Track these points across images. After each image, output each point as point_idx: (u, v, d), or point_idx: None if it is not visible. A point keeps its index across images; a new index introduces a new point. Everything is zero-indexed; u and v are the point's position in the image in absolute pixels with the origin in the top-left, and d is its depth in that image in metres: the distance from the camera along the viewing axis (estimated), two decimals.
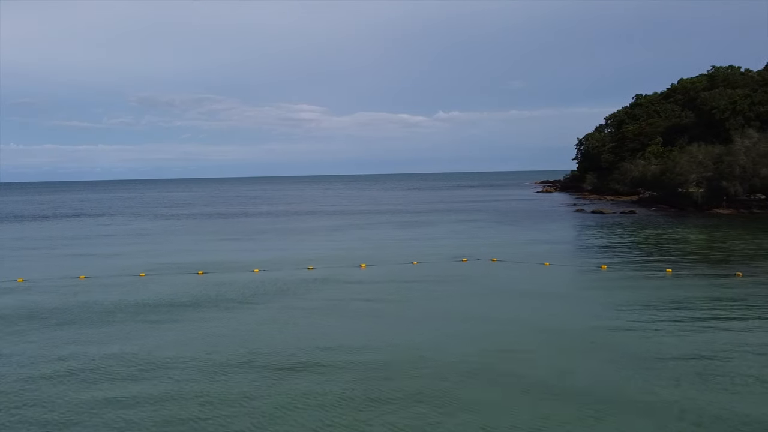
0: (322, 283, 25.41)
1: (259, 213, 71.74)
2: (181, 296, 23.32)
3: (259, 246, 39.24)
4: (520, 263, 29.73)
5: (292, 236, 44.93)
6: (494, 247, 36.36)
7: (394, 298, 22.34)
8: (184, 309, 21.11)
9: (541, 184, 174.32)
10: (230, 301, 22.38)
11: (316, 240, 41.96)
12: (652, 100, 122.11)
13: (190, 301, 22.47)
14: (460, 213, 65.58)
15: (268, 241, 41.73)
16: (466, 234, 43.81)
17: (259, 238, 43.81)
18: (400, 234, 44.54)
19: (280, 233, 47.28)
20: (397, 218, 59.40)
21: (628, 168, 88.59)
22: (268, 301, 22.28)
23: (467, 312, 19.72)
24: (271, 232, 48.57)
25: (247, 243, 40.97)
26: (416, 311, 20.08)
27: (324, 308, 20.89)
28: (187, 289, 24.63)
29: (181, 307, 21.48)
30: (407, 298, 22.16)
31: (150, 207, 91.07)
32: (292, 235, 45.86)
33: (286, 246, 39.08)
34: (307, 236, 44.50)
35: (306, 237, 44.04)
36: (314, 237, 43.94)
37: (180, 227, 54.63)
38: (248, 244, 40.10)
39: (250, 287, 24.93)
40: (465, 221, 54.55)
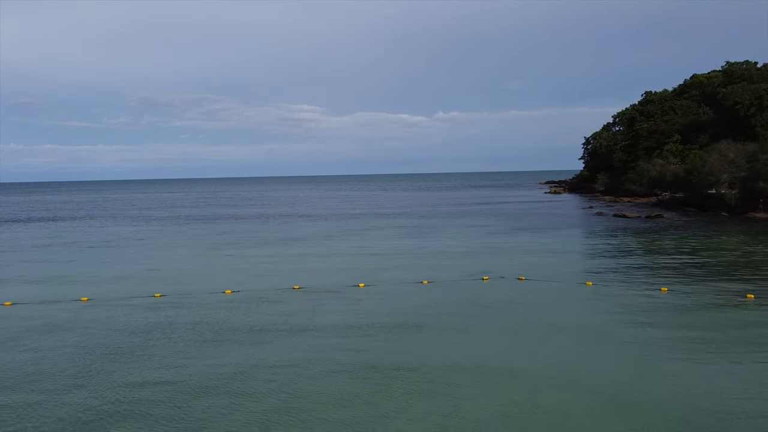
0: (308, 312, 19.63)
1: (249, 216, 65.97)
2: (126, 332, 17.54)
3: (238, 258, 33.48)
4: (555, 283, 24.01)
5: (279, 245, 39.13)
6: (517, 259, 30.63)
7: (398, 342, 16.54)
8: (128, 350, 15.34)
9: (547, 185, 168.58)
10: (186, 340, 16.62)
11: (306, 250, 36.14)
12: (664, 96, 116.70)
13: (134, 341, 16.69)
14: (467, 216, 59.85)
15: (250, 252, 35.97)
16: (479, 242, 38.08)
17: (240, 247, 38.06)
18: (403, 243, 38.78)
19: (266, 241, 41.50)
20: (399, 222, 53.67)
21: (645, 168, 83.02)
22: (229, 338, 16.52)
23: (500, 363, 13.98)
24: (256, 239, 42.79)
25: (225, 254, 35.21)
26: (427, 366, 14.27)
27: (300, 360, 15.09)
28: (134, 321, 18.85)
29: (125, 347, 15.70)
30: (415, 346, 16.31)
31: (133, 209, 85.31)
32: (280, 243, 40.05)
33: (270, 258, 33.30)
34: (296, 245, 38.66)
35: (295, 246, 38.21)
36: (305, 246, 38.13)
37: (153, 234, 48.84)
38: (225, 256, 34.33)
39: (214, 316, 19.16)
40: (475, 227, 48.81)
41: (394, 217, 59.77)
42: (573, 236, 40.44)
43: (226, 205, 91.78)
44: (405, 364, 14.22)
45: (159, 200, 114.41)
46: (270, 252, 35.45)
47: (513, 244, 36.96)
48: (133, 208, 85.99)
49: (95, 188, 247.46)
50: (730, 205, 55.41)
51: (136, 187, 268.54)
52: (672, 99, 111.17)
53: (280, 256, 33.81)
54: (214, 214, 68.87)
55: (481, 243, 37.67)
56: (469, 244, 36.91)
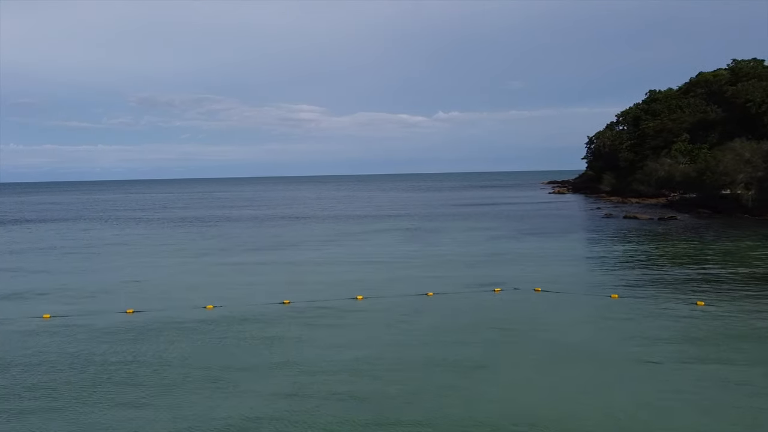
0: (295, 338, 16.97)
1: (243, 218, 63.34)
2: (79, 365, 14.89)
3: (225, 266, 30.85)
4: (575, 294, 21.44)
5: (271, 251, 36.49)
6: (528, 266, 28.05)
7: (404, 385, 13.78)
8: (67, 393, 12.69)
9: (549, 185, 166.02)
10: (141, 380, 13.89)
11: (300, 257, 33.52)
12: (669, 95, 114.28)
13: (83, 379, 14.02)
14: (470, 218, 57.26)
15: (239, 259, 33.36)
16: (486, 247, 35.49)
17: (229, 254, 35.44)
18: (404, 247, 36.17)
19: (257, 247, 38.88)
20: (400, 225, 51.06)
21: (653, 167, 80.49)
22: (196, 377, 13.82)
23: (535, 416, 11.33)
24: (247, 244, 40.17)
25: (212, 262, 32.59)
26: (444, 424, 11.61)
27: (287, 386, 12.48)
28: (93, 348, 16.19)
29: (70, 385, 13.04)
30: (426, 389, 13.46)
31: (125, 211, 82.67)
32: (273, 249, 37.40)
33: (260, 266, 30.69)
34: (289, 251, 36.00)
35: (288, 252, 35.56)
36: (298, 252, 35.49)
37: (139, 238, 46.24)
38: (211, 265, 31.70)
39: (186, 341, 16.53)
40: (480, 229, 46.21)
41: (395, 219, 57.20)
42: (585, 240, 37.86)
43: (221, 206, 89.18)
44: (414, 420, 11.52)
45: (153, 201, 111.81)
46: (260, 259, 32.82)
47: (522, 249, 34.37)
48: (125, 210, 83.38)
49: (92, 189, 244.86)
50: (747, 207, 52.85)
51: (133, 187, 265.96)
52: (678, 97, 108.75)
53: (271, 263, 31.19)
54: (206, 216, 66.25)
55: (488, 248, 35.08)
56: (475, 250, 34.31)
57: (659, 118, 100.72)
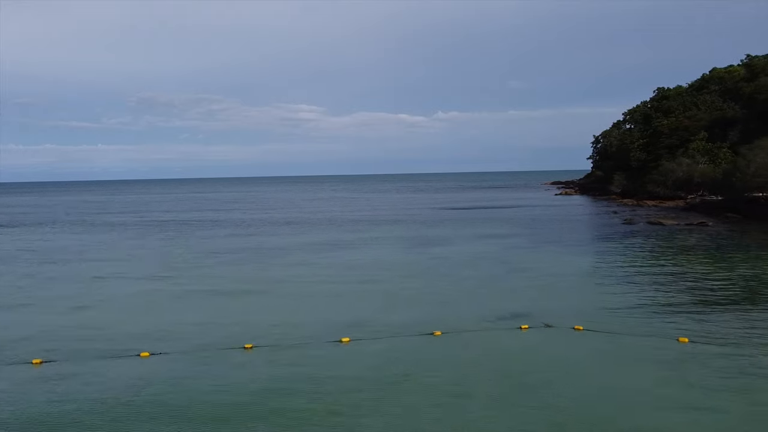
0: (261, 382, 11.65)
1: (227, 222, 57.98)
2: None
3: (185, 288, 25.51)
4: (631, 337, 16.15)
5: (245, 266, 31.05)
6: (556, 290, 22.76)
7: None
8: None
9: (554, 186, 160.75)
10: None
11: (278, 274, 28.06)
12: (681, 92, 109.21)
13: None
14: (476, 224, 51.95)
15: (206, 277, 28.01)
16: (499, 262, 30.19)
17: (195, 269, 30.08)
18: (404, 262, 30.83)
19: (231, 260, 33.52)
20: (398, 232, 45.72)
21: (670, 167, 75.29)
22: None
23: None
24: (221, 257, 34.82)
25: (171, 282, 27.24)
26: None
27: None
28: None
29: None
30: None
31: (104, 214, 77.28)
32: (247, 263, 31.95)
33: (228, 288, 25.32)
34: (267, 266, 30.51)
35: (266, 268, 30.11)
36: (278, 267, 30.05)
37: (103, 247, 40.91)
38: (170, 286, 26.36)
39: (121, 389, 11.17)
40: (489, 238, 40.91)
41: (393, 225, 51.87)
42: (613, 253, 32.54)
43: (208, 208, 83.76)
44: None
45: (139, 202, 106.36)
46: (231, 276, 27.44)
47: (541, 264, 29.06)
48: (104, 213, 78.01)
49: (85, 189, 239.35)
50: None
51: (127, 187, 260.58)
52: (692, 94, 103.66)
53: (242, 282, 25.83)
54: (188, 220, 60.89)
55: (502, 263, 29.77)
56: (487, 266, 28.97)
57: (673, 115, 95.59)
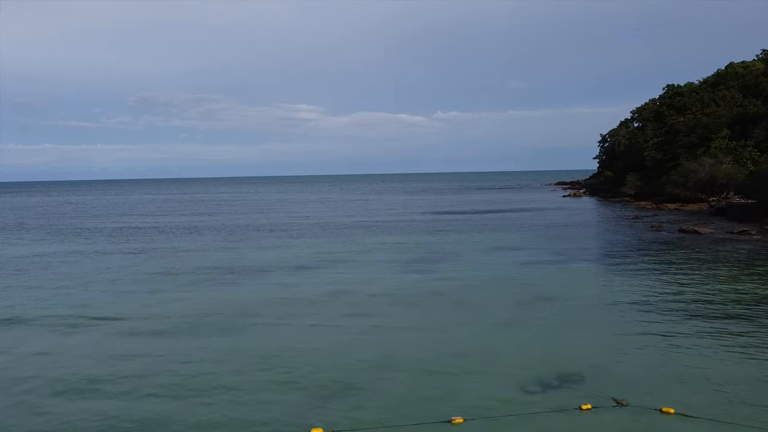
0: None
1: (207, 228, 52.14)
2: None
3: (114, 333, 19.70)
4: (750, 428, 10.38)
5: (207, 290, 25.15)
6: (613, 336, 16.96)
7: None
8: None
9: (558, 186, 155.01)
10: None
11: (244, 308, 22.17)
12: (696, 88, 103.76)
13: None
14: (486, 231, 46.17)
15: (150, 307, 22.19)
16: (524, 286, 24.38)
17: (142, 297, 24.23)
18: (402, 290, 24.92)
19: (194, 279, 27.64)
20: (398, 242, 39.91)
21: (691, 168, 69.58)
22: None
23: None
24: (182, 275, 28.94)
25: (103, 325, 21.43)
26: None
27: None
28: None
29: None
30: None
31: (80, 217, 71.43)
32: (212, 285, 25.98)
33: (173, 330, 19.49)
34: (233, 293, 24.57)
35: (231, 295, 24.20)
36: (246, 296, 24.13)
37: (54, 260, 35.13)
38: (96, 329, 20.53)
39: None
40: (504, 249, 35.15)
41: (391, 232, 46.06)
42: (664, 274, 26.74)
43: (192, 212, 77.83)
44: None
45: (123, 205, 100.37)
46: (185, 310, 21.57)
47: (579, 291, 23.23)
48: (80, 216, 72.13)
49: (77, 189, 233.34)
50: None
51: (120, 187, 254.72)
52: (707, 90, 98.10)
53: (195, 317, 19.98)
54: (164, 226, 55.04)
55: (526, 287, 23.98)
56: (508, 294, 23.12)
57: (690, 112, 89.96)
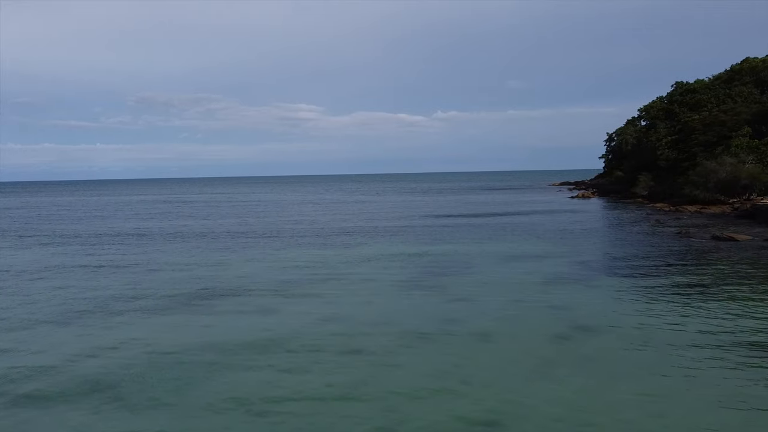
0: None
1: (189, 235, 47.41)
2: None
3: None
4: None
5: (157, 327, 20.48)
6: (686, 391, 12.26)
7: None
8: None
9: (562, 186, 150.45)
10: None
11: (202, 348, 17.37)
12: (707, 85, 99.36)
13: None
14: (495, 237, 41.50)
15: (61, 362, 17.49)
16: (553, 310, 19.71)
17: (59, 344, 19.59)
18: (408, 316, 20.15)
19: (146, 306, 22.87)
20: (400, 254, 35.11)
21: (711, 167, 65.04)
22: None
23: None
24: (133, 302, 24.22)
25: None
26: None
27: None
28: None
29: None
30: None
31: (52, 222, 66.74)
32: (161, 320, 21.36)
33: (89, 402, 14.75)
34: (192, 328, 19.76)
35: (188, 333, 19.40)
36: (207, 331, 19.37)
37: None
38: None
39: None
40: (520, 260, 30.46)
41: (392, 240, 41.36)
42: (713, 293, 22.06)
43: (180, 214, 73.04)
44: None
45: (110, 206, 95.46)
46: (135, 355, 16.86)
47: (620, 317, 18.58)
48: (59, 220, 67.37)
49: (70, 189, 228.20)
50: None
51: (115, 187, 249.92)
52: (721, 86, 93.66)
53: (145, 366, 15.26)
54: (147, 231, 50.34)
55: (559, 312, 19.30)
56: (540, 322, 18.44)
57: (706, 109, 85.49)
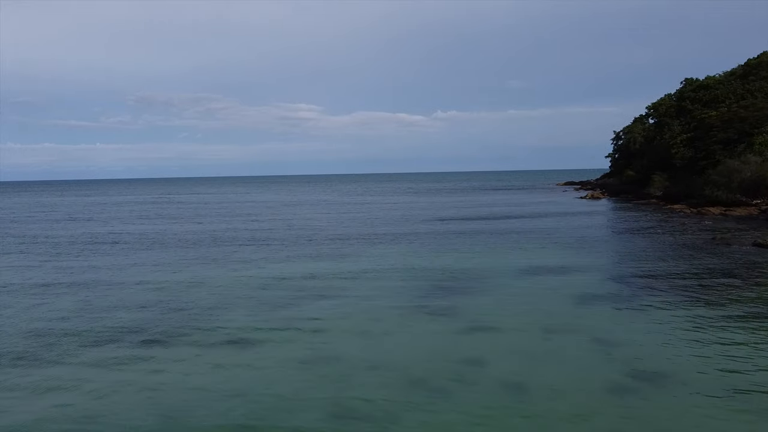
0: None
1: (169, 240, 43.07)
2: None
3: None
4: None
5: (102, 371, 16.12)
6: None
7: None
8: None
9: (566, 186, 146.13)
10: None
11: (151, 406, 13.06)
12: (722, 81, 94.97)
13: None
14: (512, 245, 37.15)
15: None
16: (596, 344, 15.40)
17: None
18: (415, 355, 15.72)
19: (90, 345, 18.62)
20: (403, 267, 30.72)
21: (734, 166, 60.78)
22: None
23: None
24: (83, 336, 19.91)
25: None
26: None
27: None
28: None
29: None
30: None
31: (27, 223, 62.43)
32: (108, 363, 17.01)
33: None
34: (144, 375, 15.40)
35: (138, 384, 15.10)
36: (164, 378, 15.05)
37: None
38: None
39: None
40: (545, 275, 26.15)
41: (394, 248, 36.99)
42: None
43: (165, 216, 68.63)
44: None
45: (95, 206, 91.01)
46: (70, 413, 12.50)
47: (685, 358, 14.28)
48: (35, 221, 63.03)
49: (63, 189, 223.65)
50: None
51: (108, 187, 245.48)
52: (736, 82, 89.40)
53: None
54: (123, 235, 45.99)
55: (604, 348, 15.00)
56: (585, 367, 14.12)
57: (724, 105, 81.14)
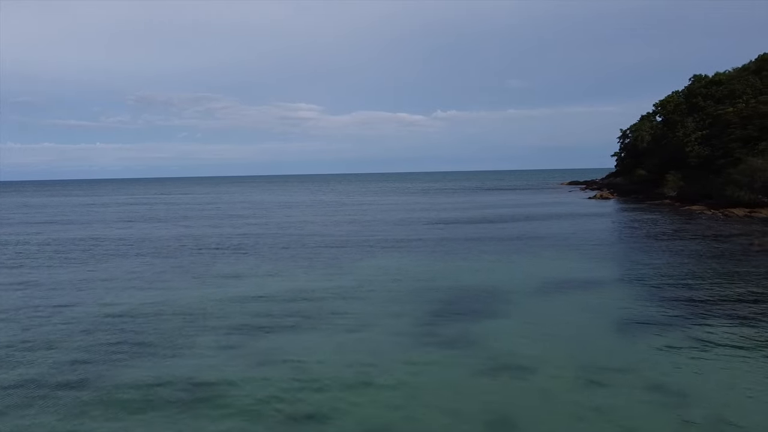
0: None
1: (149, 245, 39.54)
2: None
3: None
4: None
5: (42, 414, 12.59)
6: None
7: None
8: None
9: (571, 186, 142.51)
10: None
11: None
12: (735, 76, 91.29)
13: None
14: (525, 251, 33.58)
15: None
16: (652, 391, 11.84)
17: None
18: (422, 403, 12.32)
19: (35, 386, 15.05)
20: (405, 282, 27.12)
21: (757, 166, 57.25)
22: None
23: None
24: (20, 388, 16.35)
25: None
26: None
27: None
28: None
29: None
30: None
31: (2, 226, 58.90)
32: (51, 403, 13.52)
33: None
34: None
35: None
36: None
37: None
38: None
39: None
40: (568, 288, 22.62)
41: (393, 257, 33.42)
42: None
43: (151, 218, 65.03)
44: None
45: (82, 208, 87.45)
46: None
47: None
48: (14, 222, 59.50)
49: (59, 189, 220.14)
50: None
51: (104, 187, 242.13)
52: (751, 77, 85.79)
53: None
54: (101, 240, 42.48)
55: (660, 394, 11.47)
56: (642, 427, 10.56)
57: (741, 100, 77.48)
